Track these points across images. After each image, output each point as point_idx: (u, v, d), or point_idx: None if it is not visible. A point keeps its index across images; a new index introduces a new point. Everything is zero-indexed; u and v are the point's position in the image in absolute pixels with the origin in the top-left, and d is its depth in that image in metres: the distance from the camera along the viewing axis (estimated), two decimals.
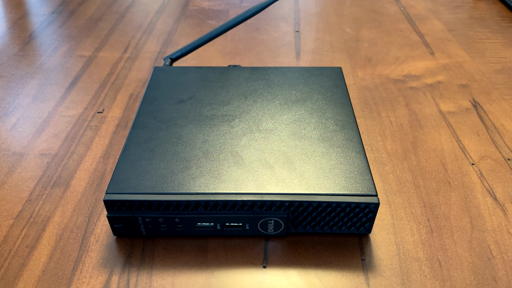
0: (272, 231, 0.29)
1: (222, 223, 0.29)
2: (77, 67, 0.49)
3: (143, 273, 0.28)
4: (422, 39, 0.55)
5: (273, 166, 0.30)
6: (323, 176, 0.29)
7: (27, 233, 0.30)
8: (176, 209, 0.28)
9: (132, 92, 0.45)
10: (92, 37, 0.55)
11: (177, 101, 0.36)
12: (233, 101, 0.36)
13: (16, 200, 0.33)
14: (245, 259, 0.29)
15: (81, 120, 0.41)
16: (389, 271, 0.28)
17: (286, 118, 0.34)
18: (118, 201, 0.28)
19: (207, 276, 0.28)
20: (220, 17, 0.60)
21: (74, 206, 0.32)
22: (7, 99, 0.44)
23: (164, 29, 0.57)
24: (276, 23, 0.58)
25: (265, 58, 0.50)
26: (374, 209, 0.28)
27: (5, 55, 0.51)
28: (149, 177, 0.29)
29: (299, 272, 0.28)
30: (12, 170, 0.35)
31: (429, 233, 0.30)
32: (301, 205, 0.28)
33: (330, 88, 0.37)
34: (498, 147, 0.38)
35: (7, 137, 0.39)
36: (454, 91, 0.45)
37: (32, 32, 0.56)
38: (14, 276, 0.28)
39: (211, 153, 0.31)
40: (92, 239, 0.30)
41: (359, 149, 0.31)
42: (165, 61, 0.43)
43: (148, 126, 0.33)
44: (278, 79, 0.39)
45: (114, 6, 0.63)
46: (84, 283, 0.27)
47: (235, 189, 0.28)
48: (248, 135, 0.32)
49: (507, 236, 0.30)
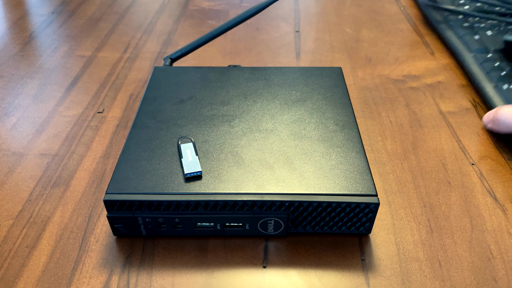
0: (272, 231, 0.29)
1: (222, 223, 0.29)
2: (77, 67, 0.49)
3: (143, 273, 0.28)
4: (422, 39, 0.55)
5: (273, 166, 0.30)
6: (323, 176, 0.29)
7: (27, 233, 0.30)
8: (176, 209, 0.28)
9: (132, 92, 0.45)
10: (92, 37, 0.55)
11: (177, 101, 0.36)
12: (233, 101, 0.36)
13: (16, 200, 0.33)
14: (245, 259, 0.29)
15: (81, 120, 0.41)
16: (389, 271, 0.28)
17: (286, 118, 0.34)
18: (118, 201, 0.28)
19: (207, 276, 0.28)
20: (220, 17, 0.60)
21: (74, 206, 0.32)
22: (7, 99, 0.44)
23: (164, 29, 0.57)
24: (276, 23, 0.58)
25: (265, 58, 0.50)
26: (374, 209, 0.28)
27: (5, 55, 0.51)
28: (149, 177, 0.29)
29: (299, 272, 0.28)
30: (12, 170, 0.35)
31: (429, 233, 0.30)
32: (301, 205, 0.28)
33: (330, 88, 0.38)
34: (498, 147, 0.38)
35: (7, 137, 0.39)
36: (454, 91, 0.45)
37: (32, 32, 0.56)
38: (14, 276, 0.28)
39: (211, 153, 0.31)
40: (92, 239, 0.30)
41: (359, 149, 0.31)
42: (165, 61, 0.43)
43: (148, 126, 0.33)
44: (278, 79, 0.39)
45: (114, 6, 0.63)
46: (84, 283, 0.27)
47: (235, 189, 0.28)
48: (248, 135, 0.32)
49: (507, 236, 0.30)
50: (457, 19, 0.53)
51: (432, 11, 0.56)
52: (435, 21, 0.54)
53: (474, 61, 0.45)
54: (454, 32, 0.51)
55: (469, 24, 0.52)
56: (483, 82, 0.42)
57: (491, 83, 0.42)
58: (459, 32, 0.50)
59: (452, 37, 0.50)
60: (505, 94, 0.40)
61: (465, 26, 0.51)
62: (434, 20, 0.55)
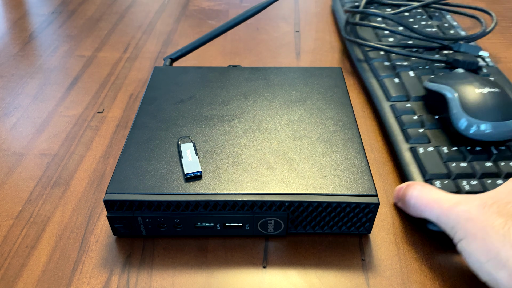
0: (272, 231, 0.29)
1: (222, 223, 0.29)
2: (77, 67, 0.49)
3: (143, 273, 0.28)
4: None
5: (273, 166, 0.30)
6: (323, 176, 0.29)
7: (27, 233, 0.30)
8: (176, 209, 0.28)
9: (132, 92, 0.45)
10: (92, 37, 0.55)
11: (177, 101, 0.36)
12: (233, 101, 0.36)
13: (16, 200, 0.33)
14: (245, 259, 0.29)
15: (81, 120, 0.41)
16: (389, 271, 0.28)
17: (286, 118, 0.34)
18: (118, 201, 0.28)
19: (207, 276, 0.28)
20: (220, 17, 0.60)
21: (74, 206, 0.32)
22: (7, 99, 0.44)
23: (164, 29, 0.57)
24: (276, 23, 0.58)
25: (265, 58, 0.50)
26: (374, 209, 0.28)
27: (5, 55, 0.51)
28: (149, 177, 0.29)
29: (299, 272, 0.28)
30: (12, 170, 0.35)
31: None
32: (301, 205, 0.28)
33: (330, 88, 0.37)
34: None
35: (7, 137, 0.39)
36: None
37: (32, 32, 0.56)
38: (14, 276, 0.28)
39: (211, 153, 0.31)
40: (92, 239, 0.30)
41: (359, 149, 0.31)
42: (165, 61, 0.43)
43: (148, 126, 0.33)
44: (278, 79, 0.39)
45: (114, 6, 0.63)
46: (84, 283, 0.27)
47: (235, 189, 0.28)
48: (248, 135, 0.32)
49: None
50: (379, 56, 0.45)
51: (355, 47, 0.48)
52: (356, 59, 0.47)
53: (391, 112, 0.38)
54: (374, 73, 0.43)
55: (391, 63, 0.44)
56: (400, 144, 0.35)
57: (407, 143, 0.34)
58: (378, 73, 0.42)
59: (371, 79, 0.43)
60: (419, 160, 0.32)
61: (386, 66, 0.43)
62: (356, 58, 0.47)
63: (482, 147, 0.33)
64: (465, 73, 0.36)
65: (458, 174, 0.31)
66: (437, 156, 0.33)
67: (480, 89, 0.33)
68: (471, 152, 0.33)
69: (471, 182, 0.30)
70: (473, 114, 0.32)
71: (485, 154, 0.32)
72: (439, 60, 0.42)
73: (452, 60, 0.42)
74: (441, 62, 0.43)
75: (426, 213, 0.28)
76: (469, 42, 0.46)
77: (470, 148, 0.33)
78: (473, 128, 0.32)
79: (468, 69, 0.42)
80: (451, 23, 0.52)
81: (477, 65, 0.42)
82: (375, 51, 0.46)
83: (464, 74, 0.35)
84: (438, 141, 0.34)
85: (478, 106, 0.32)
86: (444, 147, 0.33)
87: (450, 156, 0.32)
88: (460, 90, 0.33)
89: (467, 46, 0.44)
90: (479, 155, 0.32)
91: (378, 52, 0.46)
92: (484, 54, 0.44)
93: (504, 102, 0.32)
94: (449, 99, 0.34)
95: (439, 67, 0.43)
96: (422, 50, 0.45)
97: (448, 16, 0.53)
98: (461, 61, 0.41)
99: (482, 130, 0.32)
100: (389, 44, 0.45)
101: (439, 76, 0.37)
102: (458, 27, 0.50)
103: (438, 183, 0.30)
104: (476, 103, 0.32)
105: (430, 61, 0.43)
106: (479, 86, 0.33)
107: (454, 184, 0.30)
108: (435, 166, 0.32)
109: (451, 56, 0.42)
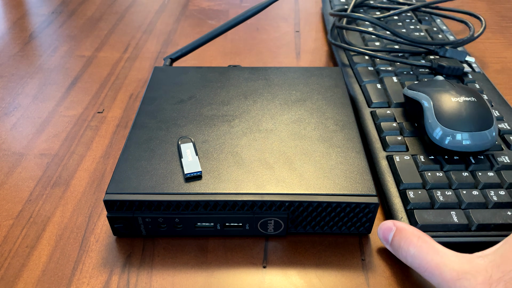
0: (272, 231, 0.29)
1: (222, 223, 0.29)
2: (77, 67, 0.49)
3: (143, 273, 0.28)
4: None
5: (273, 166, 0.30)
6: (323, 176, 0.29)
7: (27, 233, 0.30)
8: (176, 209, 0.28)
9: (132, 92, 0.45)
10: (92, 37, 0.55)
11: (177, 101, 0.36)
12: (233, 101, 0.36)
13: (16, 200, 0.33)
14: (245, 259, 0.29)
15: (81, 120, 0.41)
16: (389, 271, 0.28)
17: (286, 118, 0.34)
18: (118, 201, 0.28)
19: (207, 276, 0.28)
20: (220, 17, 0.60)
21: (74, 206, 0.32)
22: (7, 99, 0.44)
23: (164, 29, 0.57)
24: (276, 23, 0.58)
25: (265, 58, 0.50)
26: (374, 209, 0.28)
27: (5, 55, 0.51)
28: (149, 177, 0.29)
29: (299, 272, 0.28)
30: (12, 170, 0.35)
31: None
32: (301, 205, 0.28)
33: (330, 88, 0.38)
34: None
35: (7, 137, 0.39)
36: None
37: (32, 32, 0.56)
38: (14, 276, 0.28)
39: (211, 153, 0.31)
40: (92, 239, 0.30)
41: (359, 149, 0.31)
42: (165, 61, 0.43)
43: (148, 126, 0.33)
44: (278, 79, 0.39)
45: (114, 6, 0.63)
46: (84, 283, 0.27)
47: (235, 189, 0.28)
48: (248, 135, 0.32)
49: None
50: (363, 61, 0.44)
51: (340, 52, 0.47)
52: (341, 63, 0.46)
53: (371, 119, 0.37)
54: (357, 78, 0.42)
55: (375, 68, 0.43)
56: (377, 151, 0.34)
57: (384, 151, 0.34)
58: (361, 78, 0.41)
59: (353, 85, 0.42)
60: (395, 169, 0.32)
61: (369, 71, 0.42)
62: (341, 62, 0.46)
63: (459, 157, 0.32)
64: (443, 81, 0.34)
65: (433, 184, 0.30)
66: (413, 165, 0.32)
67: (456, 97, 0.32)
68: (448, 162, 0.32)
69: (446, 193, 0.29)
70: (447, 124, 0.31)
71: (462, 164, 0.31)
72: (423, 66, 0.41)
73: (437, 65, 0.41)
74: (426, 67, 0.42)
75: (425, 276, 0.25)
76: (456, 47, 0.44)
77: (447, 157, 0.32)
78: (448, 138, 0.30)
79: (453, 75, 0.41)
80: (441, 27, 0.50)
81: (462, 71, 0.40)
82: (359, 55, 0.45)
83: (442, 82, 0.34)
84: (416, 149, 0.33)
85: (453, 115, 0.31)
86: (421, 155, 0.32)
87: (426, 166, 0.31)
88: (436, 99, 0.32)
89: (453, 52, 0.42)
90: (456, 165, 0.31)
91: (363, 57, 0.44)
92: (471, 59, 0.43)
93: (480, 112, 0.31)
94: (425, 108, 0.32)
95: (424, 72, 0.42)
96: (408, 55, 0.44)
97: (438, 20, 0.52)
98: (446, 67, 0.40)
99: (458, 140, 0.30)
100: (374, 48, 0.44)
101: (418, 83, 0.35)
102: (447, 32, 0.49)
103: (412, 193, 0.30)
104: (451, 113, 0.31)
105: (414, 66, 0.42)
106: (455, 95, 0.32)
107: (428, 194, 0.30)
108: (410, 176, 0.31)
109: (436, 62, 0.41)
